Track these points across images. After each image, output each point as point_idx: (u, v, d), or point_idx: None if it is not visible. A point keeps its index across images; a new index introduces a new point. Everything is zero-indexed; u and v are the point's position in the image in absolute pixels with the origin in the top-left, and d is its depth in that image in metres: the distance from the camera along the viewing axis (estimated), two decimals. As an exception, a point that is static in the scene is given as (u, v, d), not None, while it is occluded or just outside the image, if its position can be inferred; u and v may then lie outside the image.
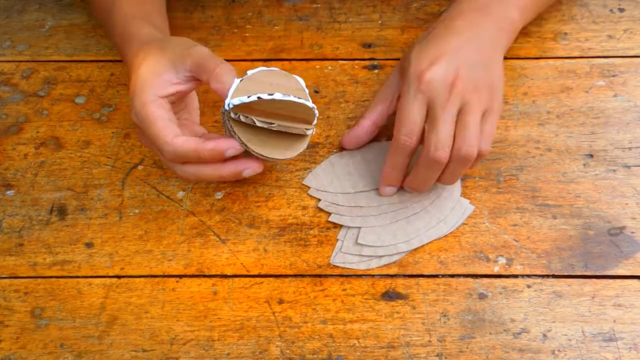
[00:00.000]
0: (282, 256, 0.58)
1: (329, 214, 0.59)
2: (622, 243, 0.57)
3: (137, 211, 0.60)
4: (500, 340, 0.53)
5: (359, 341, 0.53)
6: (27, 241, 0.59)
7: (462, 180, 0.61)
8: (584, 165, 0.61)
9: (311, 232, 0.59)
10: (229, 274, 0.57)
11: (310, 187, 0.61)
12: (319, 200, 0.60)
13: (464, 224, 0.58)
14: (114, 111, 0.67)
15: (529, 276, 0.56)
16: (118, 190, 0.62)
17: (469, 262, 0.57)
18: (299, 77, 0.55)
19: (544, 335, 0.53)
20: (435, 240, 0.58)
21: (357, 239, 0.57)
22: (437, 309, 0.55)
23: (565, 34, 0.69)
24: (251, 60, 0.69)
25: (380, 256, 0.57)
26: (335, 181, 0.60)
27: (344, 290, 0.56)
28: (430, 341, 0.53)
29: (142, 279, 0.57)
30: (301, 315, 0.55)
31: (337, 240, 0.58)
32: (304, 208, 0.60)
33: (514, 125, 0.64)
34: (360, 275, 0.57)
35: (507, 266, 0.56)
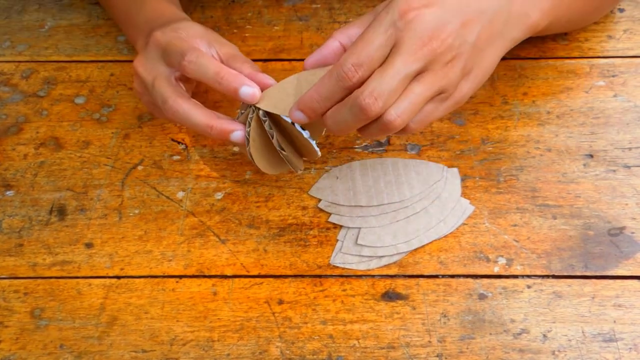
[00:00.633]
0: (282, 256, 0.58)
1: (329, 214, 0.59)
2: (622, 243, 0.57)
3: (136, 211, 0.60)
4: (500, 341, 0.53)
5: (359, 342, 0.53)
6: (27, 241, 0.59)
7: (462, 180, 0.61)
8: (584, 165, 0.61)
9: (311, 232, 0.59)
10: (228, 274, 0.57)
11: (311, 188, 0.61)
12: (319, 200, 0.60)
13: (464, 224, 0.58)
14: (114, 111, 0.67)
15: (529, 276, 0.56)
16: (118, 190, 0.62)
17: (469, 263, 0.57)
18: None
19: (544, 335, 0.53)
20: (435, 240, 0.58)
21: (357, 240, 0.57)
22: (437, 309, 0.55)
23: (565, 34, 0.69)
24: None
25: (380, 256, 0.57)
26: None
27: (344, 290, 0.56)
28: (430, 342, 0.53)
29: (142, 279, 0.57)
30: (301, 316, 0.55)
31: (337, 240, 0.58)
32: (304, 208, 0.60)
33: (514, 125, 0.64)
34: (360, 276, 0.56)
35: (507, 266, 0.56)
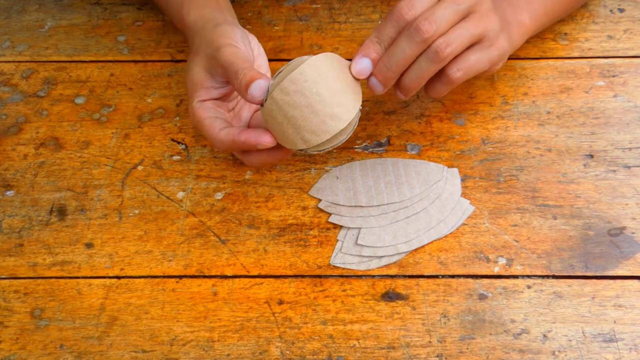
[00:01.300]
0: (282, 257, 0.58)
1: (329, 214, 0.59)
2: (622, 243, 0.57)
3: (136, 212, 0.60)
4: (501, 341, 0.53)
5: (359, 342, 0.53)
6: (27, 242, 0.59)
7: (462, 180, 0.61)
8: (584, 165, 0.61)
9: (311, 232, 0.59)
10: (229, 274, 0.57)
11: (311, 188, 0.61)
12: (319, 200, 0.60)
13: (464, 224, 0.58)
14: (114, 111, 0.66)
15: (529, 277, 0.56)
16: (118, 190, 0.62)
17: (469, 263, 0.57)
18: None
19: (544, 335, 0.53)
20: (435, 240, 0.58)
21: (357, 240, 0.57)
22: (437, 309, 0.55)
23: (565, 34, 0.69)
24: (251, 61, 0.69)
25: (380, 257, 0.57)
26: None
27: (344, 290, 0.56)
28: (430, 342, 0.53)
29: (142, 279, 0.57)
30: (301, 316, 0.55)
31: (337, 240, 0.58)
32: (304, 208, 0.60)
33: (514, 125, 0.64)
34: (360, 276, 0.56)
35: (507, 267, 0.56)
